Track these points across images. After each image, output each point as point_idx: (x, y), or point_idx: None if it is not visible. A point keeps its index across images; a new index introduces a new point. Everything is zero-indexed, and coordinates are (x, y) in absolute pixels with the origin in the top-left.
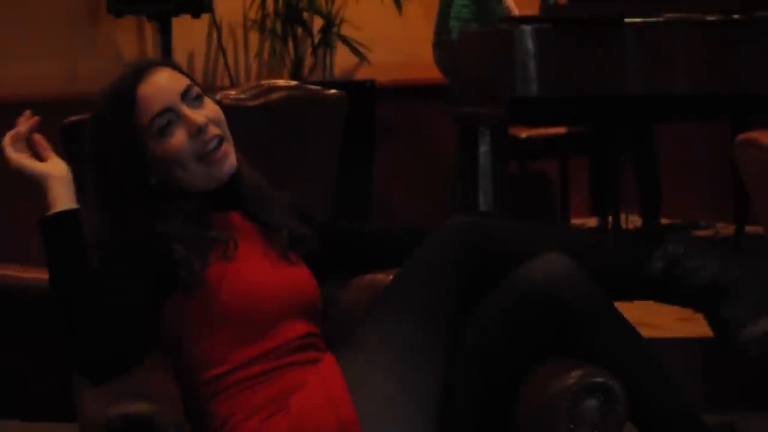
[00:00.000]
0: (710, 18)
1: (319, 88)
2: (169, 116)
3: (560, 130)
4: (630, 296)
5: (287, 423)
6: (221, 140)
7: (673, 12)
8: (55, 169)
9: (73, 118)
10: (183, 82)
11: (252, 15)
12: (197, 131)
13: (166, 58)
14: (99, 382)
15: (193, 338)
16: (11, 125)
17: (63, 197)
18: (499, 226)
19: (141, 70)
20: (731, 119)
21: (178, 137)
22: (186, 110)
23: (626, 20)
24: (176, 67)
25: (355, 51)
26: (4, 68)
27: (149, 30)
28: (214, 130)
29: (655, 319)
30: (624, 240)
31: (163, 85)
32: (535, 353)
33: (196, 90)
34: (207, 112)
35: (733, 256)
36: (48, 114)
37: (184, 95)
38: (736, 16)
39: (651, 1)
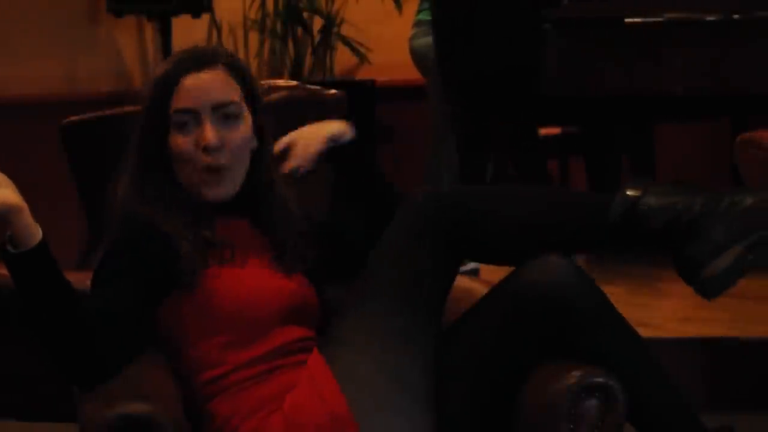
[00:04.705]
0: (710, 18)
1: (319, 88)
2: (189, 118)
3: (560, 129)
4: (594, 246)
5: (282, 421)
6: (219, 169)
7: (673, 12)
8: (14, 195)
9: (73, 118)
10: (226, 95)
11: (252, 15)
12: (203, 147)
13: (237, 61)
14: (89, 389)
15: (190, 339)
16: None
17: (34, 224)
18: (457, 194)
19: (200, 61)
20: (731, 119)
21: (186, 140)
22: (208, 122)
23: (626, 20)
24: (241, 75)
25: (355, 51)
26: (4, 68)
27: (149, 30)
28: (220, 158)
29: (655, 319)
30: (586, 192)
31: (203, 87)
32: (534, 354)
33: (234, 109)
34: (230, 135)
35: (695, 193)
36: (48, 114)
37: (218, 108)
38: (736, 16)
39: (651, 1)
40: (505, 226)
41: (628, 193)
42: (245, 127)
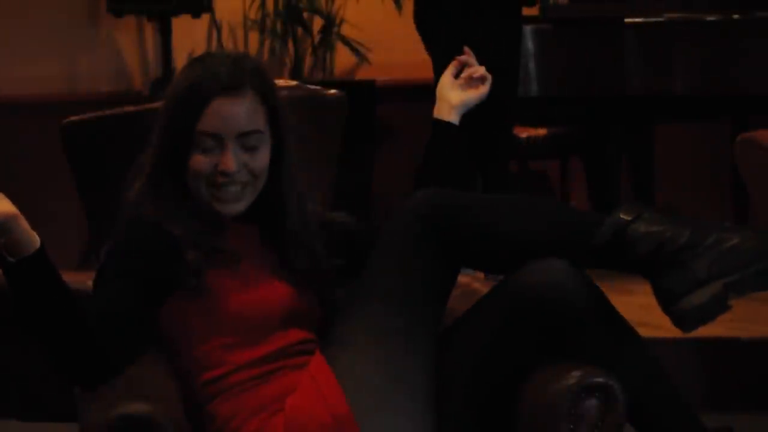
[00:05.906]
0: (710, 18)
1: (319, 88)
2: (214, 142)
3: (560, 129)
4: (582, 263)
5: (283, 423)
6: (234, 189)
7: (673, 12)
8: (8, 203)
9: (73, 118)
10: (253, 123)
11: (252, 15)
12: (223, 172)
13: (264, 82)
14: (92, 389)
15: (192, 340)
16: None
17: (30, 230)
18: (452, 198)
19: (231, 85)
20: (731, 119)
21: (206, 161)
22: (231, 149)
23: (626, 20)
24: (267, 96)
25: (355, 51)
26: (4, 68)
27: (149, 30)
28: (240, 178)
29: (655, 319)
30: (579, 209)
31: (231, 114)
32: (534, 353)
33: (257, 138)
34: (251, 160)
35: (685, 224)
36: (48, 114)
37: (242, 136)
38: (736, 16)
39: (651, 1)
40: (493, 237)
41: (621, 216)
42: (266, 152)
